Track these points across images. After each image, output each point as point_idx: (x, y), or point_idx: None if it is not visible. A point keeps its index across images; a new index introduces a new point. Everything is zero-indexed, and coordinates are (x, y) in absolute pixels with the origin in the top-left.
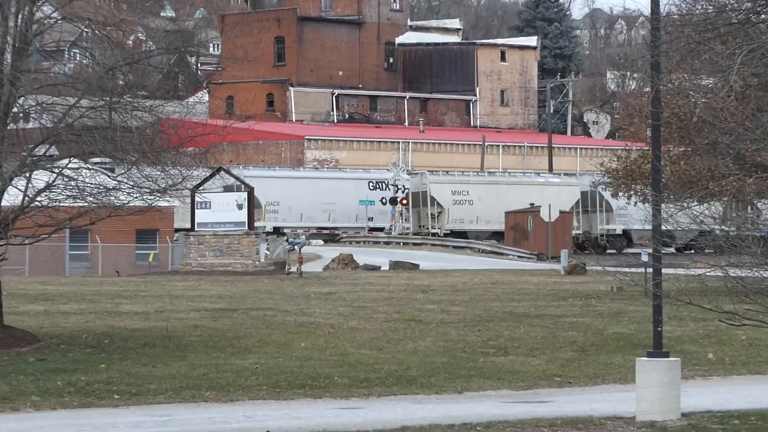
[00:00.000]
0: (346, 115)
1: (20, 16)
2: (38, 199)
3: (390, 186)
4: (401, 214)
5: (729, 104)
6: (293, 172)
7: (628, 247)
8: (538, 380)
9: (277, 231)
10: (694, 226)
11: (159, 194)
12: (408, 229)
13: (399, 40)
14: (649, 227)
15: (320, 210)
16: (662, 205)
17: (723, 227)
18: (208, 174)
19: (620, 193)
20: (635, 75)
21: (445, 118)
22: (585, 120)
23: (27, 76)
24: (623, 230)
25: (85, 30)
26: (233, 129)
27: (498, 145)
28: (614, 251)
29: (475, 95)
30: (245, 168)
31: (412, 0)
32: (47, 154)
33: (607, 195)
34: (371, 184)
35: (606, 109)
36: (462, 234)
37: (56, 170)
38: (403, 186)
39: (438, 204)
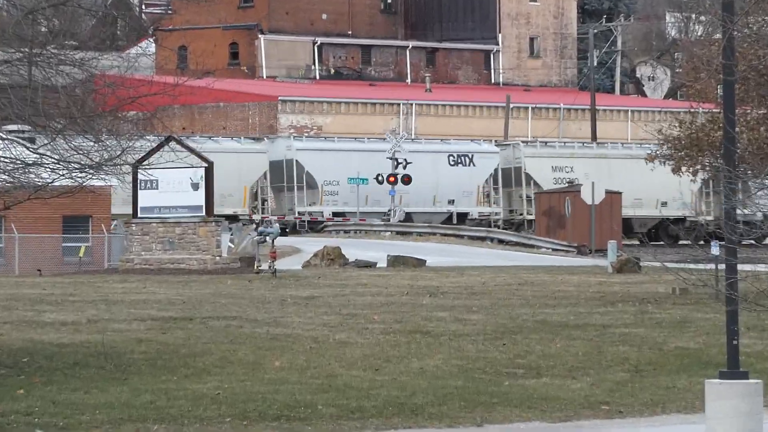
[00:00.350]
0: (332, 70)
1: None
2: None
3: (388, 160)
4: (487, 196)
5: None
6: (357, 143)
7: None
8: (579, 409)
9: (338, 216)
10: None
11: (92, 171)
12: (498, 215)
13: None
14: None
15: (388, 192)
16: (737, 182)
17: None
18: (154, 145)
19: (683, 168)
20: (702, 17)
21: (459, 74)
22: (638, 75)
23: None
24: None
25: None
26: (187, 88)
27: (526, 107)
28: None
29: (497, 44)
30: (297, 139)
31: None
32: None
33: None
34: (452, 158)
35: (665, 62)
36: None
37: None
38: (405, 160)
39: (535, 183)
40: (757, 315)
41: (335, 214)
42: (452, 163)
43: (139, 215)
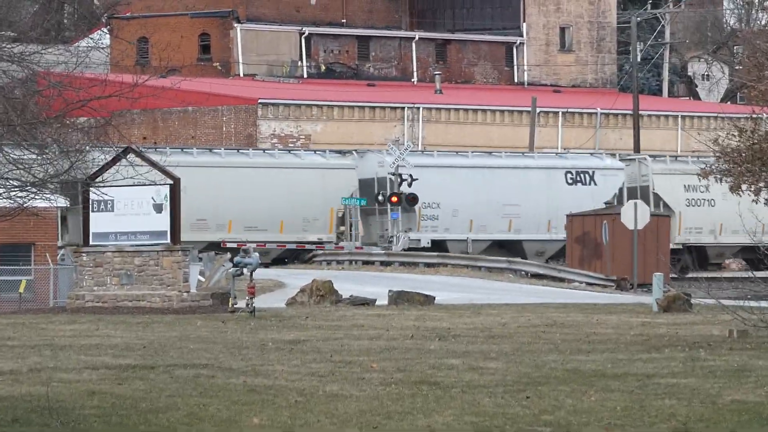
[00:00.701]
0: (322, 67)
1: None
2: None
3: (390, 177)
4: None
5: None
6: (450, 158)
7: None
8: None
9: (438, 245)
10: None
11: (34, 190)
12: None
13: None
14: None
15: (498, 215)
16: None
17: None
18: (109, 158)
19: (743, 186)
20: (767, 3)
21: (475, 71)
22: (690, 73)
23: None
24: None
25: None
26: (148, 89)
27: (556, 112)
28: None
29: (521, 35)
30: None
31: None
32: None
33: None
34: (569, 175)
35: (722, 57)
36: (700, 251)
37: None
38: (410, 176)
39: (665, 205)
40: None
41: (434, 243)
42: (570, 181)
43: (91, 243)
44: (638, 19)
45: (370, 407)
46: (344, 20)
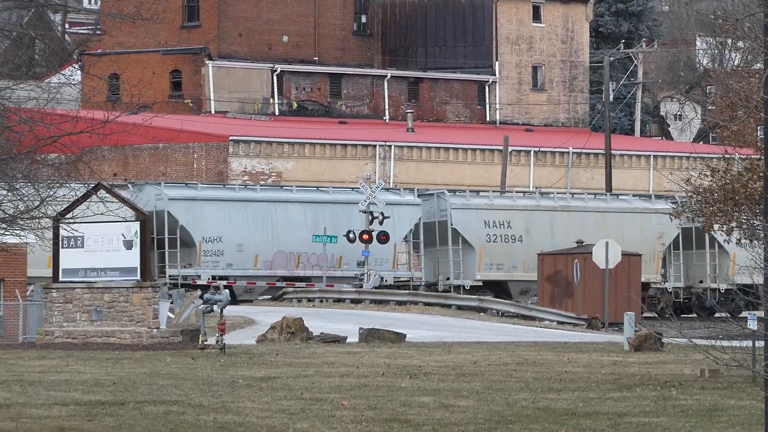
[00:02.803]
0: (294, 105)
1: None
2: None
3: (363, 213)
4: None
5: None
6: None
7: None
8: None
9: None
10: None
11: (4, 225)
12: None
13: None
14: None
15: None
16: None
17: None
18: (80, 194)
19: (715, 226)
20: (740, 44)
21: (447, 110)
22: (663, 113)
23: None
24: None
25: None
26: (119, 125)
27: (528, 151)
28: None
29: (494, 74)
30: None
31: None
32: None
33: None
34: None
35: (695, 97)
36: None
37: None
38: (381, 213)
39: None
40: None
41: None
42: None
43: (60, 279)
44: (611, 58)
45: None
46: (316, 58)
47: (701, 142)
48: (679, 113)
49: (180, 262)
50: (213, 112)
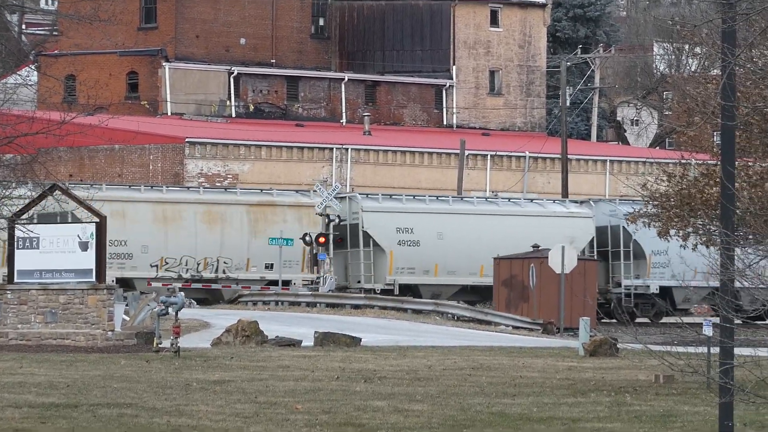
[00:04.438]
0: (251, 107)
1: None
2: None
3: (319, 216)
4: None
5: None
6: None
7: (668, 314)
8: None
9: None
10: None
11: None
12: None
13: None
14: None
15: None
16: (737, 249)
17: None
18: (35, 195)
19: (672, 231)
20: (697, 49)
21: (404, 113)
22: (619, 118)
23: None
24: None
25: None
26: (75, 126)
27: (485, 155)
28: (647, 319)
29: (451, 78)
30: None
31: None
32: None
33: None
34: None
35: (652, 102)
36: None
37: None
38: (337, 217)
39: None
40: (756, 408)
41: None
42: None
43: (15, 280)
44: (568, 63)
45: None
46: (274, 60)
47: (658, 148)
48: (635, 118)
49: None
50: (169, 113)
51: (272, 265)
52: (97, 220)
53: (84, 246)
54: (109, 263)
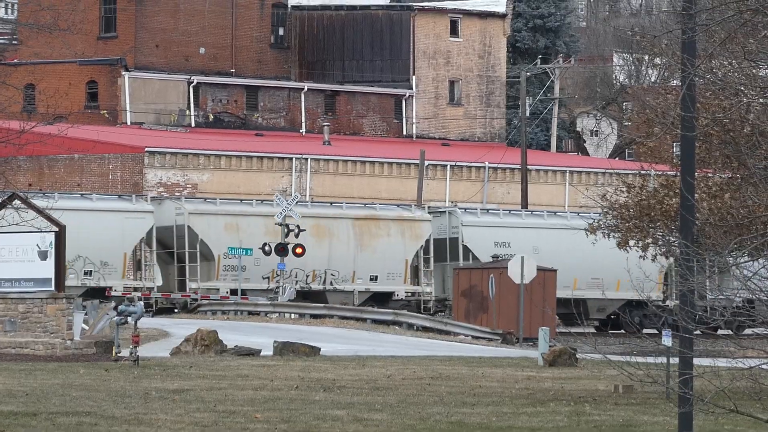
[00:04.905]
0: (211, 117)
1: None
2: None
3: (279, 226)
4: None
5: None
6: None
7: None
8: None
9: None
10: (744, 293)
11: None
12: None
13: (293, 0)
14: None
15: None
16: (695, 260)
17: None
18: None
19: (631, 242)
20: (657, 60)
21: (364, 123)
22: (579, 129)
23: None
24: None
25: None
26: (35, 135)
27: (444, 165)
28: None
29: (411, 88)
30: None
31: None
32: None
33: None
34: None
35: (611, 113)
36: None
37: None
38: (297, 227)
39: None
40: (715, 419)
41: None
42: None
43: None
44: (528, 73)
45: None
46: (233, 70)
47: (617, 158)
48: (595, 129)
49: None
50: (129, 123)
51: (377, 277)
52: (56, 229)
53: (43, 255)
54: (222, 275)
